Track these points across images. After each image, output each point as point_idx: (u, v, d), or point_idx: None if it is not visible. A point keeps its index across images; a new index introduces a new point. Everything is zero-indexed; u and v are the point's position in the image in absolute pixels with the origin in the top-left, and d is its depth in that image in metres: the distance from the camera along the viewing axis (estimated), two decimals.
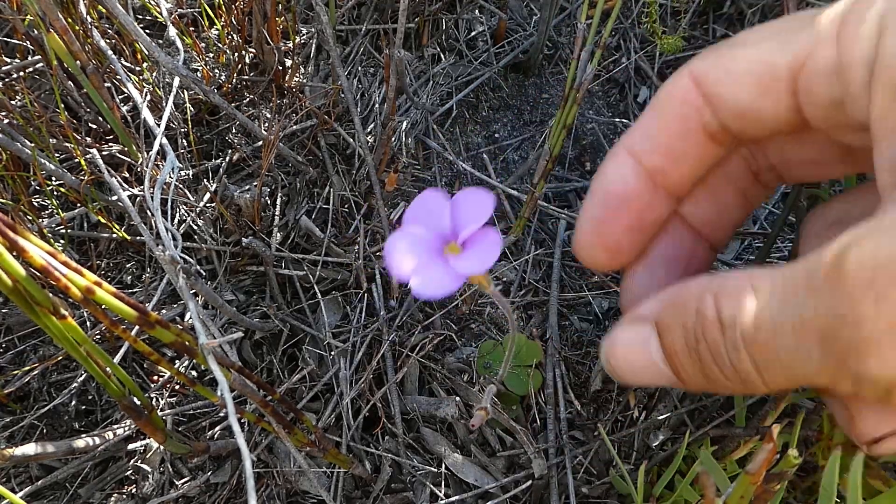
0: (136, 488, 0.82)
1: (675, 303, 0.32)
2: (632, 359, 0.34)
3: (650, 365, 0.34)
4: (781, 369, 0.28)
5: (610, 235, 0.39)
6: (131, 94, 0.87)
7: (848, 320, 0.25)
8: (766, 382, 0.29)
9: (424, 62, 1.14)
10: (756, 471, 0.35)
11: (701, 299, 0.30)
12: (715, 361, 0.30)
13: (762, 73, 0.33)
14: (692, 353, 0.31)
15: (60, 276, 0.35)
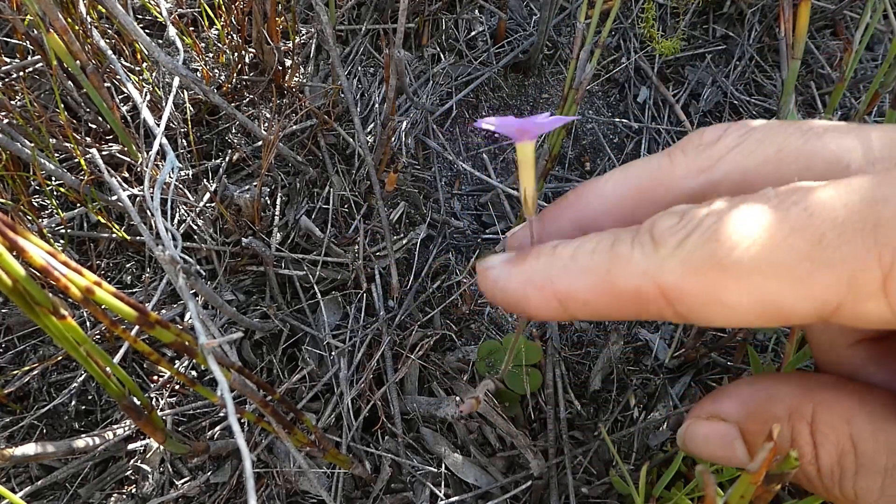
0: (136, 488, 0.82)
1: (764, 415, 0.30)
2: (716, 455, 0.33)
3: (732, 459, 0.32)
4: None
5: None
6: (131, 94, 0.87)
7: None
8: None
9: (424, 62, 1.14)
10: (757, 470, 0.35)
11: (795, 430, 0.28)
12: (812, 487, 0.29)
13: None
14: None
15: (60, 276, 0.35)
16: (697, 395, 0.88)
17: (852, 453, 0.27)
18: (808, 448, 0.28)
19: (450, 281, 0.95)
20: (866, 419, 0.27)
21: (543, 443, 0.83)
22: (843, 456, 0.27)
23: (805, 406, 0.28)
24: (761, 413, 0.30)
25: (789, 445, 0.28)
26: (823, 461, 0.27)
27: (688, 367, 0.89)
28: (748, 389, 0.31)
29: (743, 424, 0.31)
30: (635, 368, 0.89)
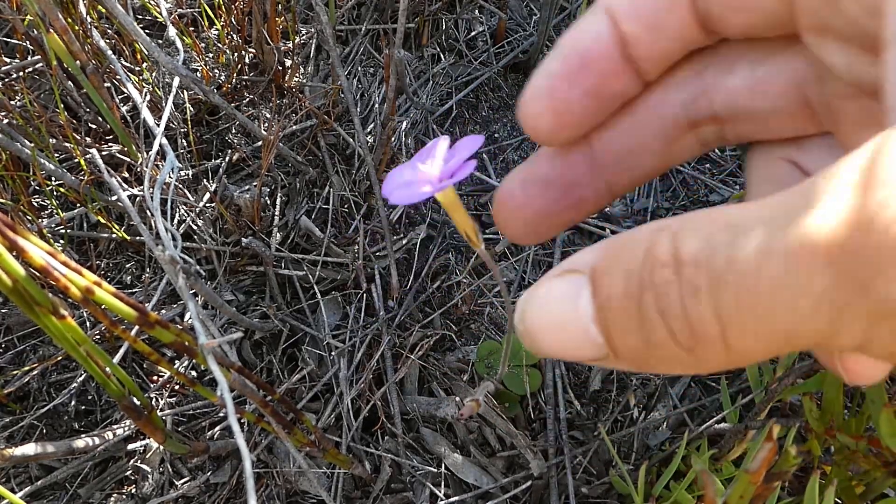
0: (135, 488, 0.82)
1: (620, 244, 0.25)
2: (553, 318, 0.26)
3: (575, 327, 0.26)
4: (757, 315, 0.21)
5: (564, 96, 0.33)
6: (131, 94, 0.87)
7: (878, 224, 0.19)
8: (729, 341, 0.23)
9: (424, 62, 1.14)
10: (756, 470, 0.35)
11: (654, 238, 0.23)
12: (662, 313, 0.23)
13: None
14: (633, 304, 0.24)
15: (60, 276, 0.35)
16: (697, 395, 0.88)
17: (728, 229, 0.22)
18: (665, 248, 0.23)
19: (450, 281, 0.95)
20: (744, 204, 0.23)
21: (543, 443, 0.83)
22: (716, 233, 0.22)
23: (669, 221, 0.24)
24: (617, 244, 0.25)
25: (641, 260, 0.24)
26: (687, 249, 0.22)
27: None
28: (610, 238, 0.26)
29: (596, 266, 0.25)
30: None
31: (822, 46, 0.31)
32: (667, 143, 0.36)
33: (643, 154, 0.36)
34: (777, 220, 0.21)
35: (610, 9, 0.33)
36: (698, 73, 0.35)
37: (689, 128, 0.36)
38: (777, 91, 0.34)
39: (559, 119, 0.34)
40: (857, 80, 0.31)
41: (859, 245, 0.19)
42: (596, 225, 1.02)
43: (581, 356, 0.26)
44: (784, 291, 0.21)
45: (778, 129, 0.36)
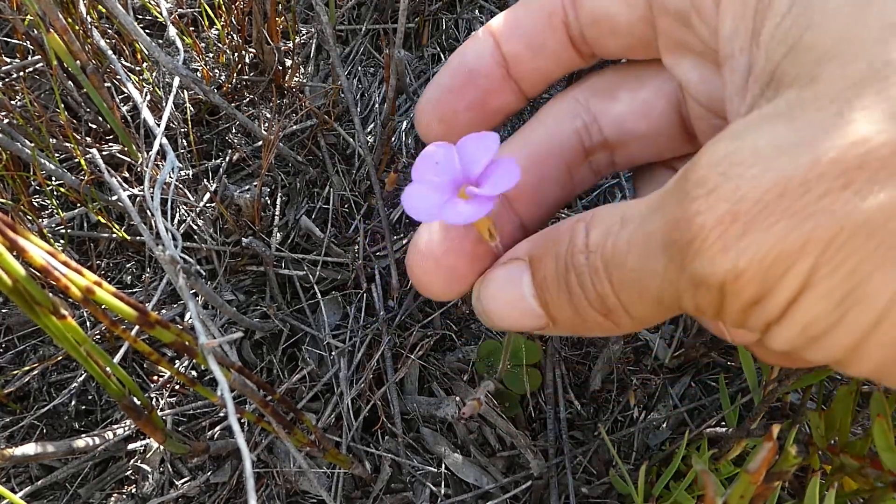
0: (136, 488, 0.82)
1: (549, 235, 0.32)
2: (502, 297, 0.33)
3: (520, 303, 0.32)
4: (636, 289, 0.27)
5: (448, 107, 0.37)
6: (131, 94, 0.87)
7: (682, 221, 0.24)
8: (627, 309, 0.29)
9: (424, 62, 1.14)
10: (756, 470, 0.35)
11: (574, 228, 0.30)
12: (581, 289, 0.29)
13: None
14: (561, 282, 0.30)
15: (60, 276, 0.35)
16: (697, 395, 0.88)
17: (620, 221, 0.28)
18: (581, 238, 0.29)
19: None
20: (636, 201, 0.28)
21: (543, 443, 0.83)
22: (611, 226, 0.28)
23: (586, 213, 0.30)
24: (547, 235, 0.32)
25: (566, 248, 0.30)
26: (592, 238, 0.29)
27: (688, 367, 0.89)
28: (542, 231, 0.33)
29: (531, 253, 0.32)
30: (635, 368, 0.89)
31: (679, 65, 0.34)
32: (568, 172, 0.39)
33: (550, 186, 0.39)
34: (643, 214, 0.27)
35: (493, 30, 0.37)
36: (584, 103, 0.38)
37: (585, 155, 0.39)
38: (658, 113, 0.37)
39: (446, 127, 0.38)
40: (710, 97, 0.34)
41: (677, 237, 0.25)
42: None
43: (527, 326, 0.33)
44: (642, 273, 0.27)
45: (662, 151, 0.39)
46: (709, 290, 0.25)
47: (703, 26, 0.31)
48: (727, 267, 0.23)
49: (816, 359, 0.25)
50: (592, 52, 0.36)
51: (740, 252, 0.23)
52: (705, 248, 0.24)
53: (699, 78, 0.33)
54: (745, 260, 0.23)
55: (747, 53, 0.28)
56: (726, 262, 0.23)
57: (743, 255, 0.23)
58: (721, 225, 0.23)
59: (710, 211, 0.23)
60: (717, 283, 0.24)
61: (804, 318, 0.24)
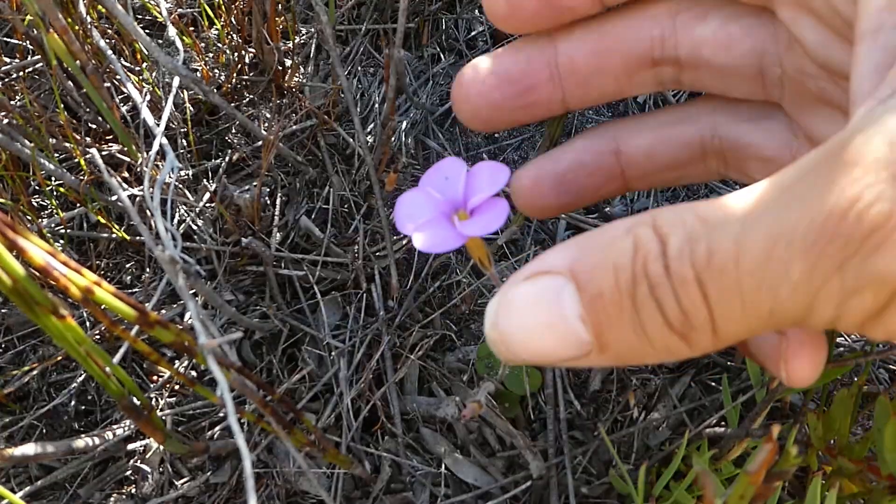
0: (135, 488, 0.82)
1: (600, 242, 0.26)
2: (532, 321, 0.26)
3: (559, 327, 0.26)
4: (742, 302, 0.23)
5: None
6: (131, 94, 0.87)
7: (852, 211, 0.20)
8: (718, 326, 0.24)
9: (424, 62, 1.14)
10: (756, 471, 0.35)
11: (638, 233, 0.25)
12: (658, 305, 0.24)
13: None
14: (625, 298, 0.25)
15: (60, 276, 0.35)
16: (697, 395, 0.88)
17: (704, 225, 0.24)
18: (654, 245, 0.24)
19: (449, 280, 0.95)
20: (713, 201, 0.24)
21: (543, 443, 0.83)
22: (694, 230, 0.24)
23: (644, 217, 0.25)
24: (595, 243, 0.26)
25: (631, 255, 0.25)
26: (673, 244, 0.24)
27: (688, 367, 0.89)
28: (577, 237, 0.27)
29: (575, 265, 0.26)
30: (635, 368, 0.89)
31: (797, 21, 0.31)
32: (627, 72, 0.37)
33: (603, 76, 0.37)
34: (751, 214, 0.23)
35: None
36: (672, 14, 0.36)
37: (651, 65, 0.37)
38: (741, 51, 0.35)
39: (513, 11, 0.36)
40: (825, 61, 0.31)
41: (834, 234, 0.21)
42: (595, 225, 1.02)
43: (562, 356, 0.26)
44: (761, 280, 0.22)
45: (731, 87, 0.37)
46: (876, 295, 0.21)
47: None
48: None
49: None
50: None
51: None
52: (892, 241, 0.20)
53: (820, 41, 0.30)
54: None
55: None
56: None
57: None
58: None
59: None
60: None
61: None
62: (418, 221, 0.31)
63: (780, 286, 0.22)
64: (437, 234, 0.30)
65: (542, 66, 0.37)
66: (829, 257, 0.21)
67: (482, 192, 0.31)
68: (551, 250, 0.27)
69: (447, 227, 0.30)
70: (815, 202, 0.21)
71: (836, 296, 0.22)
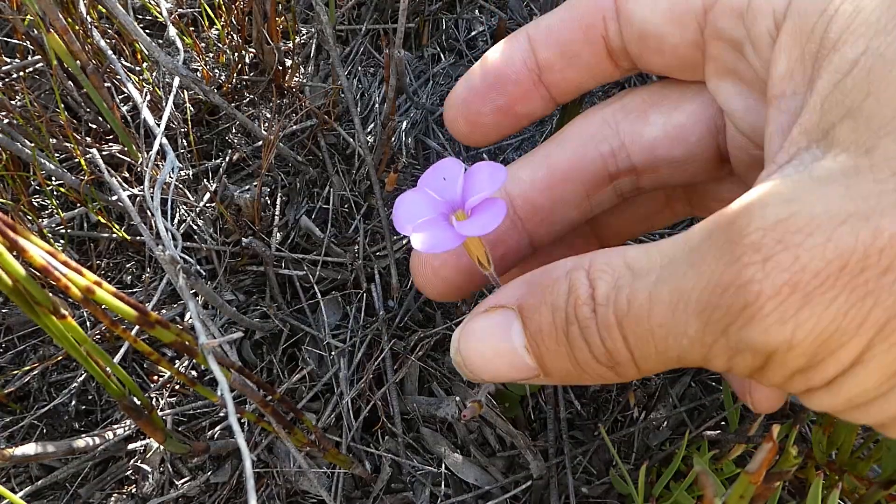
0: (136, 488, 0.82)
1: (543, 283, 0.30)
2: (487, 348, 0.31)
3: (509, 354, 0.30)
4: (654, 347, 0.26)
5: (475, 109, 0.36)
6: (131, 94, 0.87)
7: (731, 286, 0.24)
8: (638, 363, 0.28)
9: (424, 62, 1.14)
10: (756, 471, 0.35)
11: (573, 277, 0.28)
12: (586, 343, 0.28)
13: (678, 0, 0.32)
14: (560, 335, 0.29)
15: (60, 276, 0.35)
16: (697, 395, 0.88)
17: (629, 272, 0.27)
18: (584, 289, 0.28)
19: None
20: (641, 249, 0.27)
21: (543, 443, 0.83)
22: (620, 278, 0.27)
23: (582, 260, 0.29)
24: (539, 282, 0.30)
25: (565, 297, 0.28)
26: (600, 291, 0.27)
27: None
28: (527, 275, 0.31)
29: (522, 301, 0.30)
30: None
31: (724, 92, 0.33)
32: (587, 196, 0.39)
33: (565, 208, 0.38)
34: (664, 269, 0.26)
35: (530, 35, 0.36)
36: (614, 126, 0.37)
37: (608, 180, 0.38)
38: (696, 138, 0.36)
39: (471, 128, 0.37)
40: (752, 126, 0.33)
41: (718, 303, 0.24)
42: None
43: (514, 378, 0.31)
44: (668, 331, 0.26)
45: (693, 175, 0.38)
46: (754, 357, 0.24)
47: (756, 58, 0.30)
48: (782, 338, 0.23)
49: (856, 420, 0.25)
50: (632, 65, 0.35)
51: (798, 325, 0.23)
52: (760, 316, 0.23)
53: (744, 107, 0.32)
54: (802, 333, 0.23)
55: (800, 98, 0.27)
56: (782, 333, 0.23)
57: (800, 328, 0.23)
58: (779, 295, 0.23)
59: (766, 280, 0.23)
60: (768, 351, 0.24)
61: (851, 390, 0.24)
62: (416, 222, 0.31)
63: (681, 338, 0.26)
64: (436, 235, 0.30)
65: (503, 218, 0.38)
66: (715, 322, 0.24)
67: (480, 193, 0.31)
68: (507, 286, 0.31)
69: (445, 227, 0.31)
70: (705, 272, 0.24)
71: (724, 352, 0.25)
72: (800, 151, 0.25)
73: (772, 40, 0.29)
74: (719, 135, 0.35)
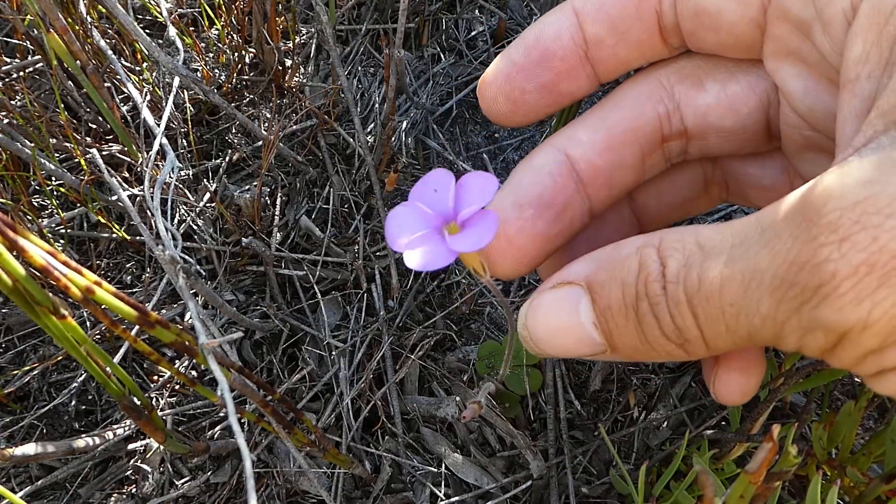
0: (136, 488, 0.82)
1: (612, 259, 0.30)
2: (556, 324, 0.31)
3: (576, 330, 0.30)
4: (725, 325, 0.27)
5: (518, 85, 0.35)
6: (131, 94, 0.87)
7: (807, 265, 0.24)
8: (707, 341, 0.28)
9: (424, 62, 1.14)
10: (756, 470, 0.35)
11: (643, 254, 0.28)
12: (656, 320, 0.28)
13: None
14: (630, 311, 0.29)
15: (60, 276, 0.35)
16: (697, 395, 0.88)
17: (700, 251, 0.27)
18: (655, 266, 0.28)
19: (449, 280, 0.95)
20: (712, 228, 0.27)
21: (543, 443, 0.83)
22: (691, 256, 0.27)
23: (652, 238, 0.29)
24: (609, 259, 0.30)
25: (636, 274, 0.28)
26: (671, 268, 0.27)
27: (688, 367, 0.89)
28: (595, 252, 0.31)
29: (591, 278, 0.30)
30: (635, 368, 0.89)
31: (783, 72, 0.33)
32: (642, 158, 0.38)
33: (623, 171, 0.37)
34: (736, 248, 0.26)
35: (577, 9, 0.35)
36: (668, 87, 0.37)
37: (661, 142, 0.38)
38: (747, 110, 0.36)
39: (513, 106, 0.36)
40: (809, 108, 0.33)
41: (793, 281, 0.24)
42: None
43: (580, 353, 0.31)
44: (739, 310, 0.26)
45: (741, 147, 0.37)
46: (826, 336, 0.24)
47: (825, 41, 0.29)
48: (857, 317, 0.23)
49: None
50: (682, 43, 0.35)
51: (874, 304, 0.23)
52: (835, 296, 0.23)
53: (804, 89, 0.32)
54: (878, 313, 0.23)
55: (875, 81, 0.27)
56: (857, 312, 0.23)
57: (876, 308, 0.23)
58: (856, 275, 0.23)
59: (843, 259, 0.23)
60: (841, 331, 0.24)
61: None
62: (409, 237, 0.31)
63: (753, 317, 0.26)
64: (429, 252, 0.30)
65: (568, 181, 0.36)
66: (788, 301, 0.25)
67: (471, 205, 0.30)
68: (575, 262, 0.31)
69: (438, 242, 0.30)
70: (781, 250, 0.24)
71: (796, 331, 0.25)
72: (877, 134, 0.25)
73: (846, 23, 0.28)
74: (770, 109, 0.35)
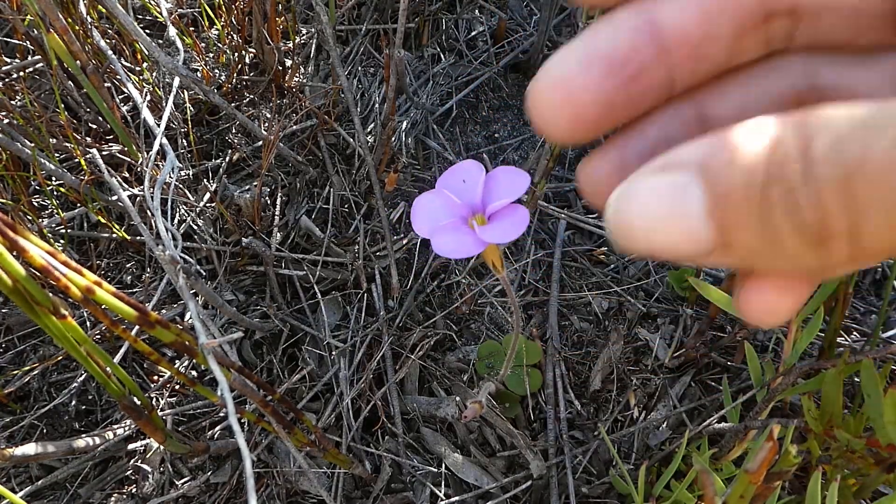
0: (136, 488, 0.82)
1: (731, 140, 0.24)
2: (654, 212, 0.25)
3: (682, 220, 0.25)
4: (887, 218, 0.21)
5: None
6: (131, 94, 0.87)
7: None
8: (858, 237, 0.22)
9: (424, 62, 1.14)
10: (756, 470, 0.35)
11: (779, 130, 0.23)
12: (790, 209, 0.23)
13: None
14: (755, 198, 0.23)
15: (60, 276, 0.35)
16: (697, 394, 0.88)
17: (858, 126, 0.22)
18: (795, 144, 0.23)
19: (449, 280, 0.95)
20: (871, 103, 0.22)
21: (543, 443, 0.83)
22: (844, 132, 0.22)
23: (788, 116, 0.24)
24: (731, 138, 0.25)
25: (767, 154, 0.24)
26: (817, 148, 0.22)
27: (688, 367, 0.89)
28: (710, 133, 0.25)
29: (706, 159, 0.25)
30: (635, 368, 0.89)
31: None
32: (738, 33, 0.32)
33: (714, 44, 0.32)
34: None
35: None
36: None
37: (763, 20, 0.32)
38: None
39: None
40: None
41: None
42: (596, 225, 1.02)
43: (683, 251, 0.25)
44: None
45: (860, 33, 0.32)
46: None
47: None
48: None
49: None
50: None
51: None
52: None
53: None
54: None
55: None
56: None
57: None
58: None
59: None
60: None
61: None
62: (435, 224, 0.31)
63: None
64: (457, 239, 0.30)
65: (648, 44, 0.31)
66: None
67: (502, 198, 0.30)
68: (682, 146, 0.26)
69: (466, 231, 0.30)
70: None
71: None
72: None
73: None
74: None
